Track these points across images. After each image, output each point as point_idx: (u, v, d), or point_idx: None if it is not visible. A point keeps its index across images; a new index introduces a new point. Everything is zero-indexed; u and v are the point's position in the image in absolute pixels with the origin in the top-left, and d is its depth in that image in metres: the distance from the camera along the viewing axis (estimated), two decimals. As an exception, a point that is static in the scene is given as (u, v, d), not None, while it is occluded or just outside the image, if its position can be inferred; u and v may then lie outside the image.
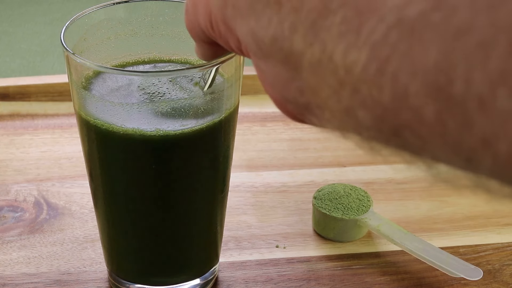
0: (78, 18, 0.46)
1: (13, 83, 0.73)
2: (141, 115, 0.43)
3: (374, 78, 0.22)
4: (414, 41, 0.21)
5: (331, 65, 0.24)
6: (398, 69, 0.22)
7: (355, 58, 0.23)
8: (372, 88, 0.23)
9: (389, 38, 0.22)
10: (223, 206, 0.50)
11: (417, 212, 0.60)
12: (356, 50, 0.23)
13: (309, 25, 0.25)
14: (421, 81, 0.21)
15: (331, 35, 0.24)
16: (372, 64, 0.22)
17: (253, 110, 0.73)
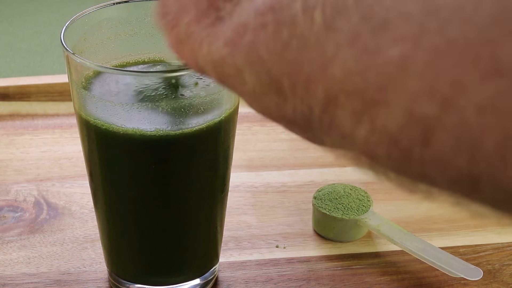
0: (78, 18, 0.46)
1: (13, 83, 0.73)
2: (141, 115, 0.43)
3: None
4: None
5: (353, 145, 0.25)
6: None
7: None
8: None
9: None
10: (223, 206, 0.50)
11: (417, 212, 0.60)
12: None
13: (322, 111, 0.25)
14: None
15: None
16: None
17: (253, 110, 0.73)
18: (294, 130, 0.28)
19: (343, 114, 0.24)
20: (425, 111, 0.21)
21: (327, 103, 0.24)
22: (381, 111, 0.23)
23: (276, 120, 0.28)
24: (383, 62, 0.22)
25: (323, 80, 0.24)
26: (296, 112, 0.26)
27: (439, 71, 0.21)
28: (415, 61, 0.22)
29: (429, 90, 0.21)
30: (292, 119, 0.27)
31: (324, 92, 0.24)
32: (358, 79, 0.23)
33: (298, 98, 0.25)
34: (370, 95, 0.23)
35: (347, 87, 0.23)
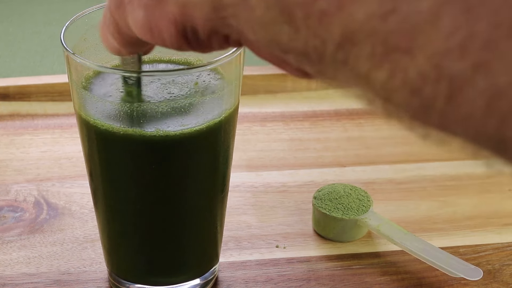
0: (78, 18, 0.46)
1: (13, 83, 0.73)
2: (141, 115, 0.43)
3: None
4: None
5: (368, 85, 0.24)
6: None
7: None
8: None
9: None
10: (223, 206, 0.50)
11: (417, 212, 0.60)
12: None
13: (336, 48, 0.24)
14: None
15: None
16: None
17: (253, 110, 0.73)
18: (303, 62, 0.27)
19: (361, 54, 0.23)
20: (454, 68, 0.21)
21: (343, 40, 0.23)
22: (405, 58, 0.22)
23: (283, 51, 0.27)
24: (412, 10, 0.21)
25: (339, 18, 0.23)
26: (307, 44, 0.25)
27: (473, 31, 0.20)
28: (447, 16, 0.21)
29: (461, 48, 0.21)
30: (303, 52, 0.25)
31: (340, 29, 0.23)
32: (382, 23, 0.22)
33: (311, 31, 0.24)
34: (394, 40, 0.22)
35: (367, 28, 0.22)
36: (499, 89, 0.20)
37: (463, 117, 0.21)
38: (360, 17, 0.23)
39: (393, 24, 0.22)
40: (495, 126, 0.21)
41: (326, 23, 0.24)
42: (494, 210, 0.60)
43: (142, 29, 0.32)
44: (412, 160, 0.66)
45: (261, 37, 0.27)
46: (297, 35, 0.25)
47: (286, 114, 0.73)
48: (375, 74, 0.23)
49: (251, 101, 0.73)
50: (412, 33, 0.22)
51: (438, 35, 0.21)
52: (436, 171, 0.64)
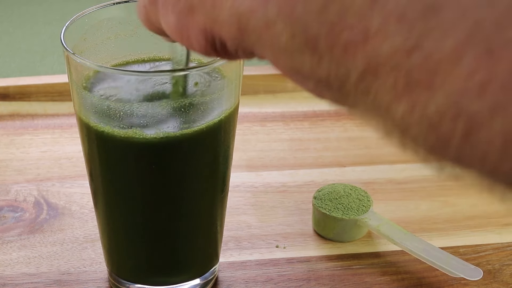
0: (78, 18, 0.46)
1: (13, 83, 0.73)
2: (141, 115, 0.43)
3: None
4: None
5: (387, 116, 0.24)
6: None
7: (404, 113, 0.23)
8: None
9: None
10: (223, 206, 0.50)
11: (417, 212, 0.60)
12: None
13: (359, 78, 0.24)
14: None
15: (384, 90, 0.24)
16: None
17: (253, 110, 0.73)
18: (323, 90, 0.27)
19: (382, 86, 0.24)
20: (472, 107, 0.21)
21: (366, 71, 0.24)
22: (425, 94, 0.22)
23: (304, 78, 0.27)
24: (435, 48, 0.22)
25: (364, 50, 0.24)
26: (330, 73, 0.25)
27: (493, 73, 0.21)
28: (469, 56, 0.21)
29: (480, 89, 0.21)
30: (324, 79, 0.26)
31: (364, 60, 0.24)
32: (405, 58, 0.23)
33: (335, 61, 0.25)
34: (416, 75, 0.22)
35: (391, 61, 0.23)
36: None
37: (479, 155, 0.22)
38: (384, 50, 0.23)
39: (416, 60, 0.22)
40: (510, 166, 0.21)
41: (351, 54, 0.24)
42: (494, 210, 0.60)
43: (173, 33, 0.32)
44: (412, 160, 0.66)
45: (283, 62, 0.27)
46: (320, 63, 0.25)
47: (286, 114, 0.73)
48: (395, 106, 0.23)
49: (251, 101, 0.73)
50: (434, 70, 0.22)
51: (458, 74, 0.21)
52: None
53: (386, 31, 0.23)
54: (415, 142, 0.24)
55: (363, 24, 0.23)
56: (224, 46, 0.31)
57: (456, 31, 0.21)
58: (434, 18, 0.22)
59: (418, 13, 0.22)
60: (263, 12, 0.26)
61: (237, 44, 0.29)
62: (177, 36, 0.32)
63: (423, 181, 0.63)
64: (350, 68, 0.24)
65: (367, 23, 0.23)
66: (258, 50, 0.29)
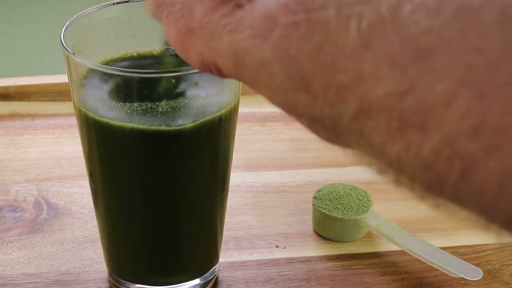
0: (78, 18, 0.46)
1: (13, 83, 0.73)
2: (141, 115, 0.43)
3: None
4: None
5: (381, 156, 0.25)
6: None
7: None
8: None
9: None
10: (223, 206, 0.50)
11: (417, 212, 0.60)
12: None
13: (352, 119, 0.25)
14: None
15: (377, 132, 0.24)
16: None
17: (253, 110, 0.73)
18: (316, 129, 0.28)
19: (376, 127, 0.24)
20: (467, 148, 0.22)
21: (359, 112, 0.24)
22: (419, 135, 0.23)
23: (298, 116, 0.28)
24: (428, 91, 0.22)
25: (356, 92, 0.24)
26: (323, 113, 0.26)
27: (485, 116, 0.21)
28: (462, 100, 0.21)
29: (473, 131, 0.21)
30: (318, 119, 0.26)
31: (356, 102, 0.24)
32: (398, 100, 0.23)
33: (328, 102, 0.25)
34: (409, 117, 0.23)
35: (384, 104, 0.23)
36: (511, 171, 0.21)
37: (475, 193, 0.22)
38: (377, 93, 0.23)
39: (409, 103, 0.23)
40: (506, 205, 0.22)
41: (344, 95, 0.24)
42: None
43: (173, 45, 0.32)
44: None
45: (277, 100, 0.28)
46: (313, 103, 0.26)
47: (286, 114, 0.72)
48: (390, 147, 0.24)
49: (251, 101, 0.73)
50: (427, 112, 0.22)
51: (452, 116, 0.22)
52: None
53: (379, 74, 0.23)
54: (411, 180, 0.24)
55: (355, 67, 0.24)
56: (220, 71, 0.31)
57: (448, 75, 0.22)
58: (426, 62, 0.22)
59: (410, 57, 0.23)
60: (259, 51, 0.27)
61: (233, 75, 0.30)
62: (176, 48, 0.32)
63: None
64: (343, 109, 0.25)
65: (359, 66, 0.24)
66: (253, 86, 0.29)
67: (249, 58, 0.27)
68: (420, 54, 0.22)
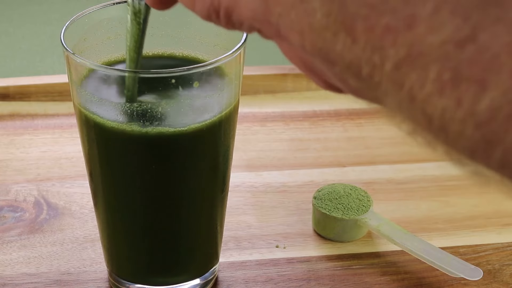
0: (78, 18, 0.46)
1: (13, 83, 0.73)
2: (141, 115, 0.43)
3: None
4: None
5: (423, 111, 0.22)
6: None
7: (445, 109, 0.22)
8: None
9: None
10: (223, 206, 0.50)
11: (417, 212, 0.60)
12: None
13: (395, 67, 0.22)
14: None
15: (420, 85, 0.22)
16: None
17: (253, 110, 0.73)
18: (349, 77, 0.25)
19: (422, 78, 0.22)
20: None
21: (404, 60, 0.22)
22: (476, 89, 0.21)
23: (331, 61, 0.25)
24: (493, 40, 0.20)
25: (407, 36, 0.22)
26: (362, 58, 0.23)
27: None
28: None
29: None
30: (355, 66, 0.24)
31: (404, 48, 0.22)
32: (456, 49, 0.21)
33: (370, 45, 0.23)
34: (467, 69, 0.21)
35: (438, 52, 0.21)
36: None
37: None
38: (432, 40, 0.21)
39: (470, 53, 0.21)
40: None
41: (390, 39, 0.22)
42: (494, 210, 0.60)
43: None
44: (412, 160, 0.66)
45: (310, 42, 0.25)
46: (353, 46, 0.24)
47: (286, 114, 0.73)
48: (435, 101, 0.22)
49: (251, 101, 0.73)
50: (489, 64, 0.20)
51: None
52: (436, 171, 0.64)
53: (437, 19, 0.21)
54: (450, 142, 0.22)
55: (409, 9, 0.22)
56: (229, 16, 0.28)
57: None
58: (495, 9, 0.20)
59: (476, 3, 0.21)
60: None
61: (254, 19, 0.27)
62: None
63: (423, 181, 0.63)
64: (386, 55, 0.22)
65: (414, 8, 0.22)
66: (282, 28, 0.26)
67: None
68: (489, 2, 0.21)
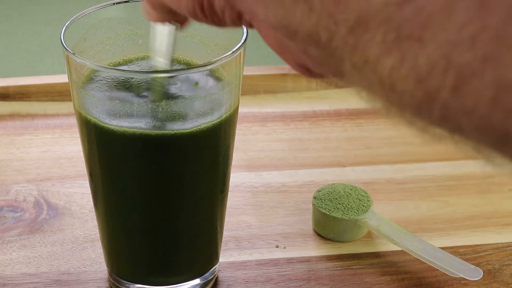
0: (78, 18, 0.46)
1: (13, 83, 0.73)
2: (141, 115, 0.43)
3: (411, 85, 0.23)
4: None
5: (374, 72, 0.24)
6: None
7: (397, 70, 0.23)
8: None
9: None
10: (223, 206, 0.50)
11: (417, 212, 0.60)
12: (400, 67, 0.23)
13: (348, 31, 0.24)
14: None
15: (373, 48, 0.24)
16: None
17: (253, 110, 0.73)
18: (310, 48, 0.27)
19: (371, 40, 0.23)
20: (463, 59, 0.21)
21: (356, 24, 0.24)
22: (415, 46, 0.22)
23: (292, 32, 0.27)
24: (426, 0, 0.22)
25: (355, 1, 0.24)
26: (319, 25, 0.25)
27: (485, 25, 0.21)
28: (461, 8, 0.21)
29: (471, 40, 0.21)
30: (313, 34, 0.26)
31: (354, 13, 0.24)
32: (397, 10, 0.23)
33: (325, 11, 0.25)
34: (407, 28, 0.22)
35: (382, 14, 0.23)
36: (507, 82, 0.20)
37: (468, 109, 0.22)
38: (375, 3, 0.23)
39: (408, 13, 0.22)
40: (499, 118, 0.21)
41: (342, 5, 0.24)
42: (494, 210, 0.60)
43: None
44: (412, 160, 0.66)
45: (272, 14, 0.27)
46: (310, 14, 0.25)
47: (286, 114, 0.73)
48: (384, 61, 0.23)
49: (251, 101, 0.73)
50: (425, 22, 0.22)
51: (450, 26, 0.21)
52: (436, 171, 0.64)
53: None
54: (401, 100, 0.24)
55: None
56: (212, 7, 0.30)
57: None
58: None
59: None
60: None
61: (226, 3, 0.29)
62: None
63: (423, 181, 0.63)
64: (340, 20, 0.24)
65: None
66: (249, 5, 0.28)
67: None
68: None
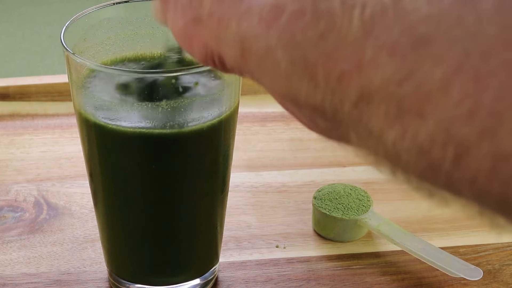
0: (78, 18, 0.46)
1: (13, 83, 0.73)
2: (141, 115, 0.43)
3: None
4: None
5: (379, 143, 0.25)
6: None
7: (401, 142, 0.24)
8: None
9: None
10: (223, 206, 0.50)
11: (417, 212, 0.60)
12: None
13: (352, 106, 0.25)
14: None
15: (377, 121, 0.25)
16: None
17: (253, 110, 0.73)
18: (317, 118, 0.28)
19: (375, 114, 0.24)
20: (461, 133, 0.22)
21: (359, 99, 0.25)
22: (416, 121, 0.23)
23: (299, 105, 0.28)
24: (426, 77, 0.23)
25: (357, 79, 0.25)
26: (324, 100, 0.26)
27: (480, 101, 0.22)
28: (458, 85, 0.22)
29: (468, 115, 0.22)
30: (319, 107, 0.27)
31: (357, 90, 0.25)
32: (397, 87, 0.24)
33: (330, 89, 0.26)
34: (407, 104, 0.23)
35: (383, 91, 0.24)
36: (503, 154, 0.22)
37: (469, 179, 0.23)
38: (377, 80, 0.24)
39: (407, 89, 0.23)
40: (498, 188, 0.22)
41: (345, 82, 0.25)
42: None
43: (177, 37, 0.33)
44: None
45: (280, 89, 0.29)
46: (316, 90, 0.26)
47: (286, 114, 0.72)
48: (387, 133, 0.24)
49: (251, 101, 0.73)
50: (424, 98, 0.23)
51: (448, 102, 0.22)
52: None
53: (378, 62, 0.24)
54: (406, 169, 0.25)
55: (356, 55, 0.25)
56: (223, 63, 0.32)
57: (446, 61, 0.22)
58: (425, 50, 0.23)
59: (410, 45, 0.23)
60: (265, 38, 0.27)
61: (235, 64, 0.31)
62: (181, 41, 0.33)
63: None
64: (344, 96, 0.25)
65: (360, 54, 0.24)
66: (256, 75, 0.30)
67: (255, 45, 0.28)
68: (419, 41, 0.23)
